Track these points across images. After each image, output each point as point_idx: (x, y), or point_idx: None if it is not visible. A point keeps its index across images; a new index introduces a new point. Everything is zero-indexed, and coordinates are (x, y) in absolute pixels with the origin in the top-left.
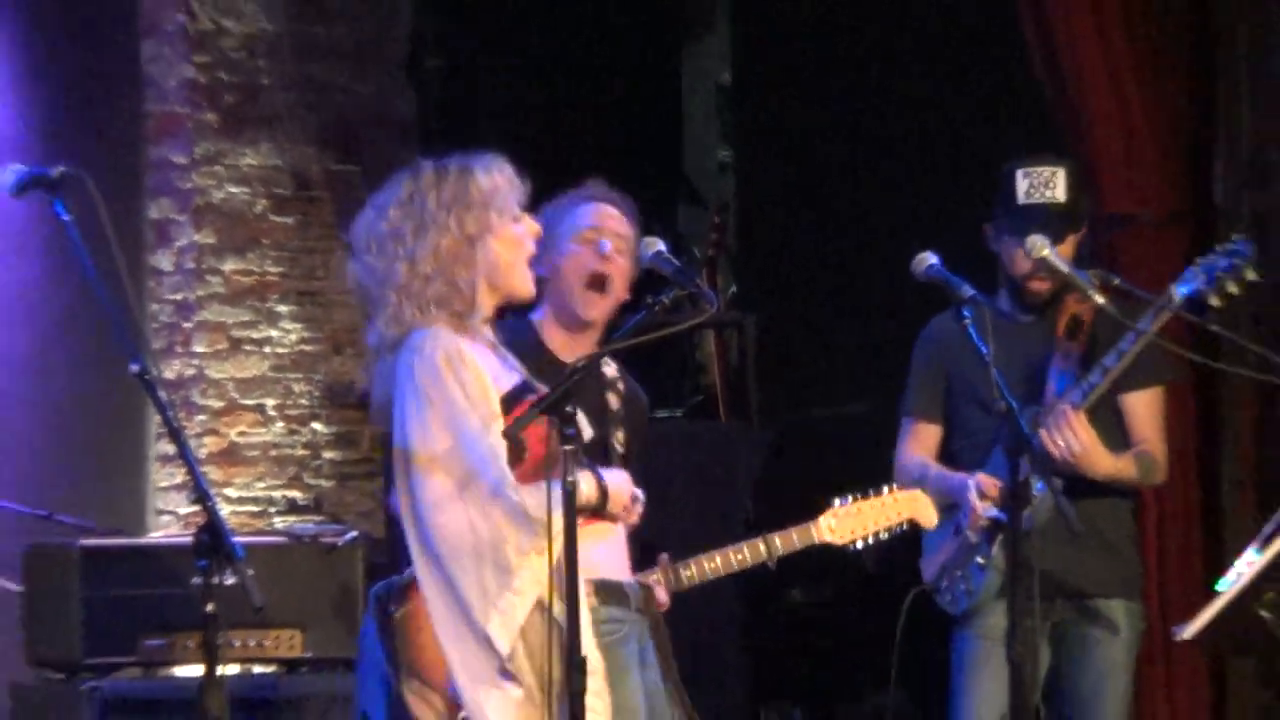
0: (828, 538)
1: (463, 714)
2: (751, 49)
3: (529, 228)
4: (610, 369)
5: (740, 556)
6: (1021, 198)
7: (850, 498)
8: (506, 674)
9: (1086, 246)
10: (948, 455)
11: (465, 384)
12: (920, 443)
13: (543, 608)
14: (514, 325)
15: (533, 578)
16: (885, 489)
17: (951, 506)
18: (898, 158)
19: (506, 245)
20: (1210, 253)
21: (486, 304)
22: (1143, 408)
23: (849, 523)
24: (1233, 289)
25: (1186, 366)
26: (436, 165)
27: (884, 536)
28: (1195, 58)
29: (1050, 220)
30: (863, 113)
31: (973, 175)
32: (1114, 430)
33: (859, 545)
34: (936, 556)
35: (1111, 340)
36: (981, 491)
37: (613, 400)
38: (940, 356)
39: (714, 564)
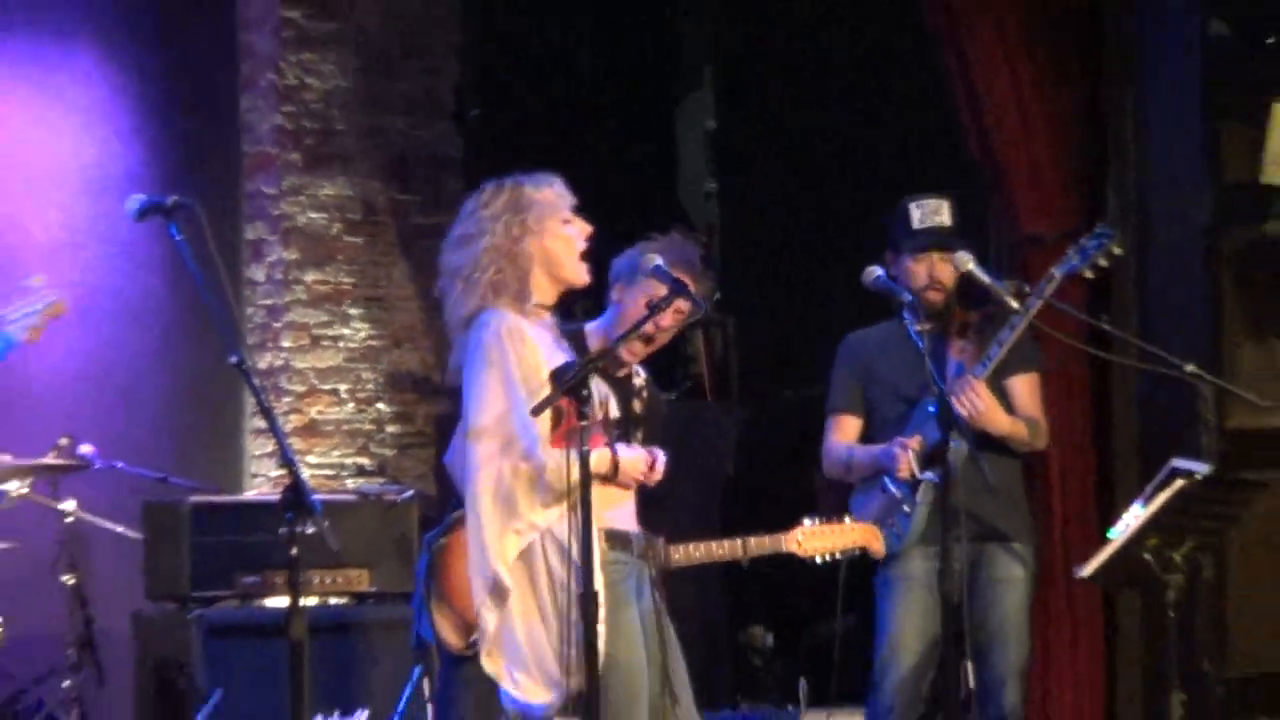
0: (794, 549)
1: (473, 635)
2: (731, 102)
3: (580, 228)
4: (639, 379)
5: (720, 550)
6: (916, 224)
7: (818, 520)
8: (501, 597)
9: (1004, 260)
10: (866, 441)
11: (521, 357)
12: (844, 432)
13: (561, 549)
14: (567, 328)
15: (538, 522)
16: (847, 519)
17: (873, 477)
18: (850, 188)
19: (557, 243)
20: (1081, 238)
21: (546, 291)
22: (1023, 387)
23: (814, 540)
24: (1102, 263)
25: (1083, 357)
26: (496, 183)
27: (838, 556)
28: (1090, 100)
29: (942, 240)
30: (821, 152)
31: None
32: (1003, 405)
33: (817, 560)
34: (867, 515)
35: (992, 335)
36: (903, 444)
37: (637, 405)
38: (859, 361)
39: (699, 552)
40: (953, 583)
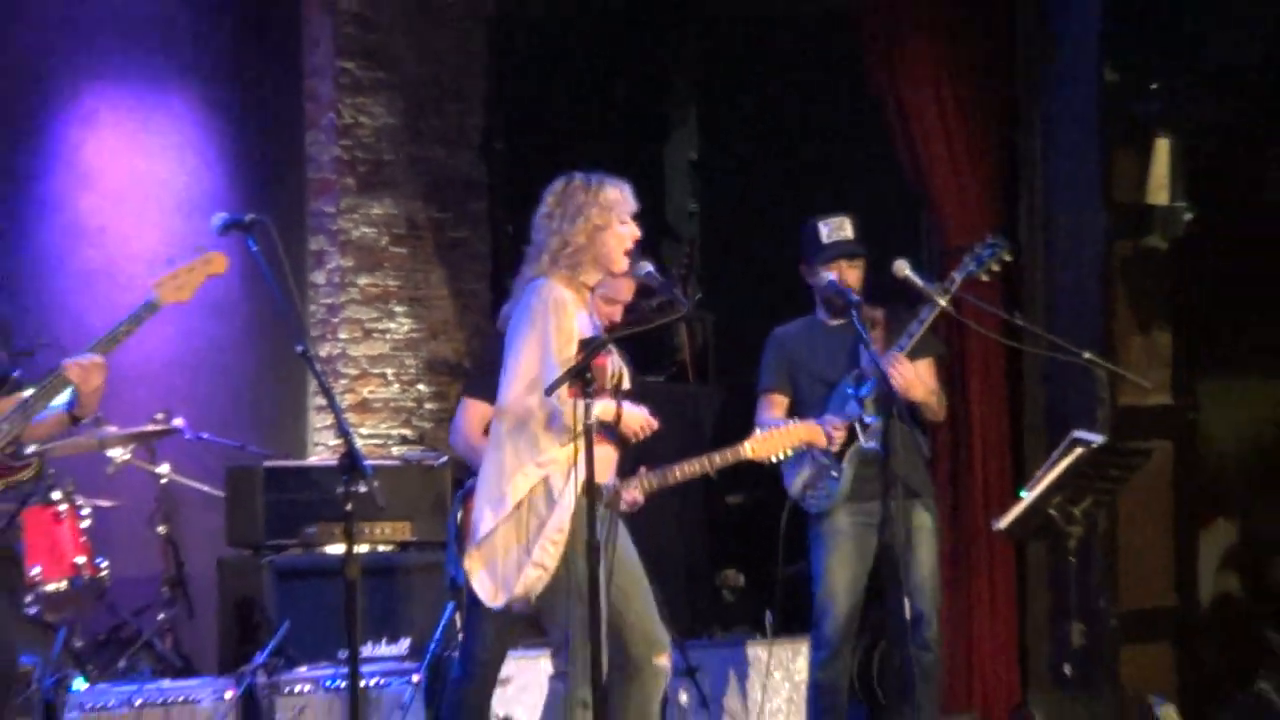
0: (749, 455)
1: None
2: (710, 137)
3: (632, 231)
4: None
5: (691, 469)
6: (825, 239)
7: (766, 428)
8: (501, 510)
9: (935, 266)
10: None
11: (559, 326)
12: (774, 408)
13: (548, 494)
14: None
15: (557, 457)
16: (790, 422)
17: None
18: (808, 208)
19: (615, 239)
20: (975, 246)
21: (591, 275)
22: (925, 369)
23: (765, 445)
24: (995, 268)
25: (1000, 346)
26: (584, 177)
27: (789, 454)
28: (1004, 134)
29: (848, 250)
30: (784, 179)
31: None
32: None
33: (773, 459)
34: (796, 479)
35: (897, 328)
36: (832, 422)
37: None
38: (786, 350)
39: (675, 475)
40: (896, 532)
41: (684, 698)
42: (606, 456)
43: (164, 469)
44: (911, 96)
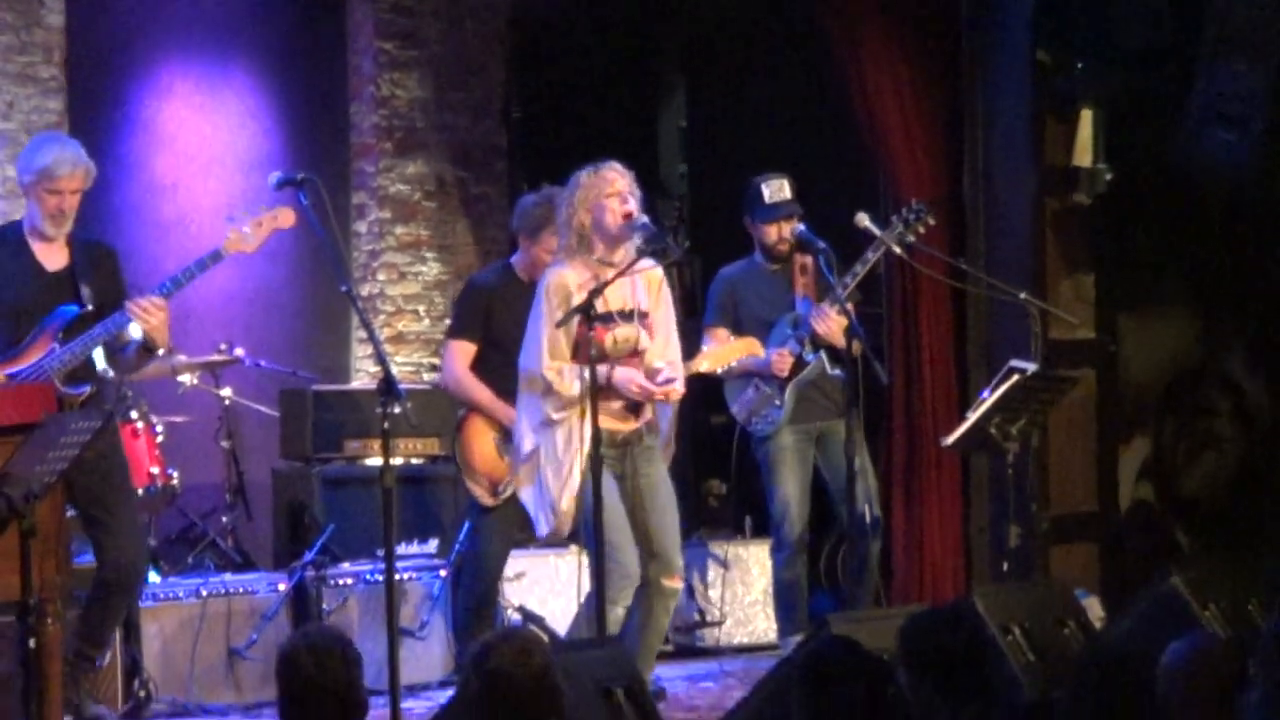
0: (700, 369)
1: (500, 489)
2: (698, 104)
3: (621, 198)
4: None
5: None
6: (768, 199)
7: (712, 344)
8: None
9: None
10: None
11: (553, 310)
12: (715, 341)
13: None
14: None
15: (558, 419)
16: (731, 339)
17: (743, 376)
18: (785, 166)
19: (610, 213)
20: (903, 210)
21: (602, 249)
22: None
23: (714, 358)
24: (920, 230)
25: (946, 287)
26: (583, 170)
27: (734, 365)
28: (950, 101)
29: (787, 209)
30: (764, 141)
31: (833, 174)
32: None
33: (720, 371)
34: (742, 407)
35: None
36: (780, 353)
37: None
38: (731, 289)
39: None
40: (854, 447)
41: None
42: (616, 406)
43: (226, 391)
44: (869, 70)
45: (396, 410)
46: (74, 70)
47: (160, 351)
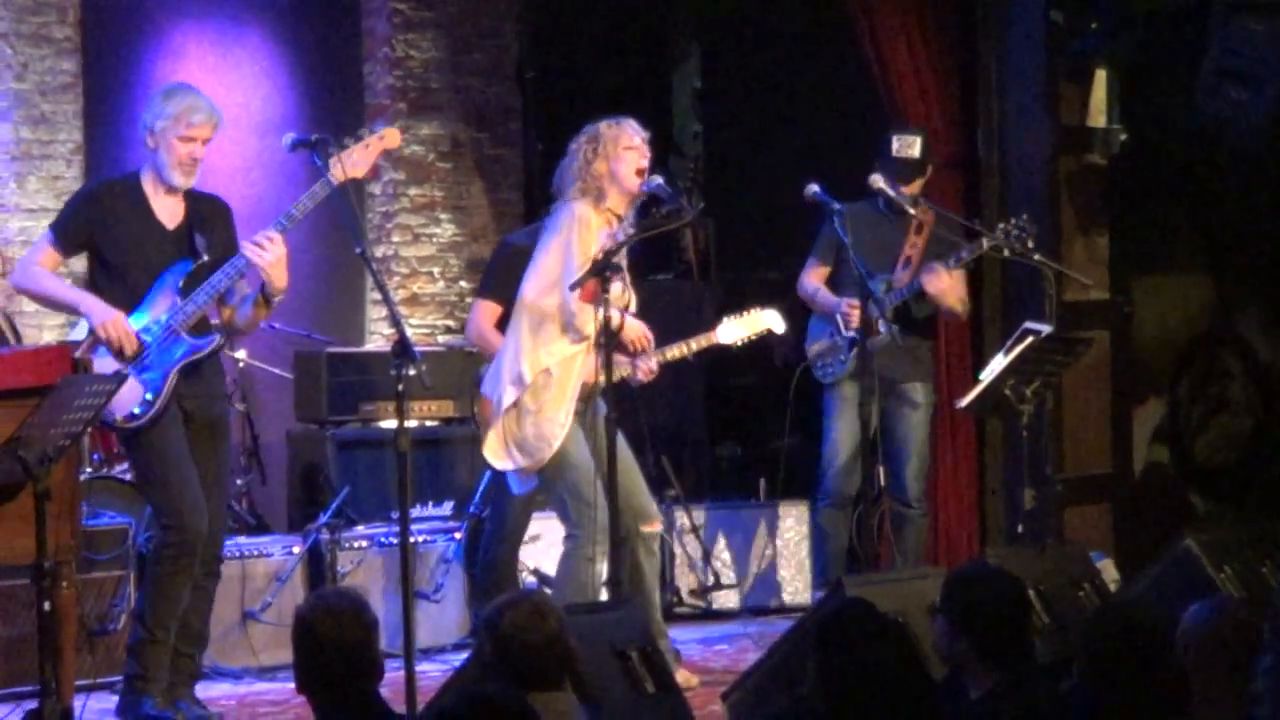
0: (722, 340)
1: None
2: (713, 66)
3: (638, 153)
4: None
5: (674, 352)
6: (895, 150)
7: (733, 316)
8: (520, 386)
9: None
10: (831, 288)
11: (581, 238)
12: (817, 275)
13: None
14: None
15: (563, 353)
16: (753, 310)
17: (827, 315)
18: (798, 129)
19: (626, 164)
20: (1005, 223)
21: (617, 200)
22: (957, 279)
23: (731, 331)
24: (1017, 247)
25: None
26: (602, 121)
27: (753, 338)
28: (966, 64)
29: (911, 167)
30: (778, 104)
31: (844, 135)
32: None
33: (739, 344)
34: (816, 346)
35: (937, 239)
36: (849, 306)
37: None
38: (835, 232)
39: (664, 355)
40: (885, 411)
41: (688, 552)
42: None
43: (241, 354)
44: (885, 33)
45: (411, 372)
46: (88, 31)
47: (278, 298)
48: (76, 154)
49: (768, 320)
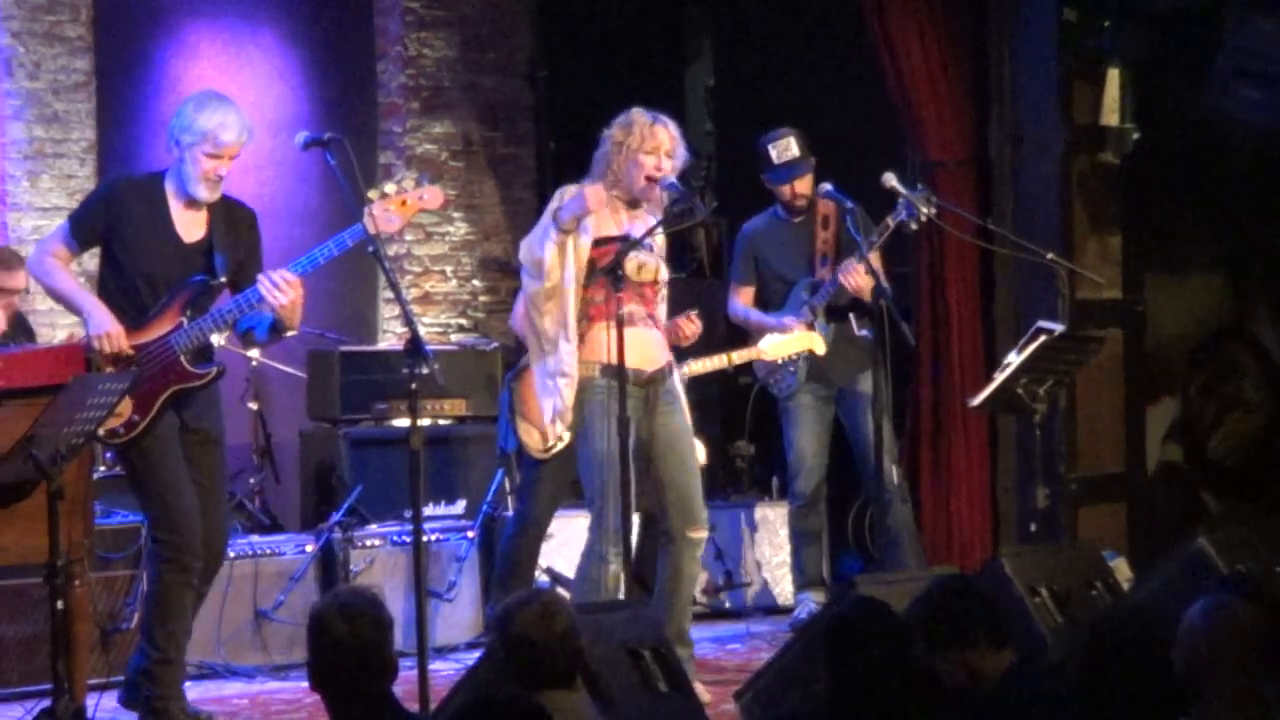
0: (766, 356)
1: (550, 444)
2: (725, 65)
3: (655, 163)
4: None
5: (715, 362)
6: (775, 159)
7: (776, 334)
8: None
9: (916, 176)
10: (760, 306)
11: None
12: (743, 297)
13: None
14: None
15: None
16: (796, 329)
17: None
18: (811, 125)
19: (637, 167)
20: (910, 193)
21: (623, 190)
22: (875, 260)
23: (777, 347)
24: (923, 218)
25: (974, 248)
26: (637, 111)
27: (794, 357)
28: (977, 62)
29: (796, 168)
30: (789, 102)
31: (857, 133)
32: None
33: (780, 360)
34: (761, 368)
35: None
36: (787, 326)
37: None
38: (752, 244)
39: (699, 365)
40: (880, 410)
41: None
42: (644, 340)
43: (254, 353)
44: (897, 32)
45: (424, 371)
46: (101, 29)
47: (290, 333)
48: (89, 153)
49: (811, 342)
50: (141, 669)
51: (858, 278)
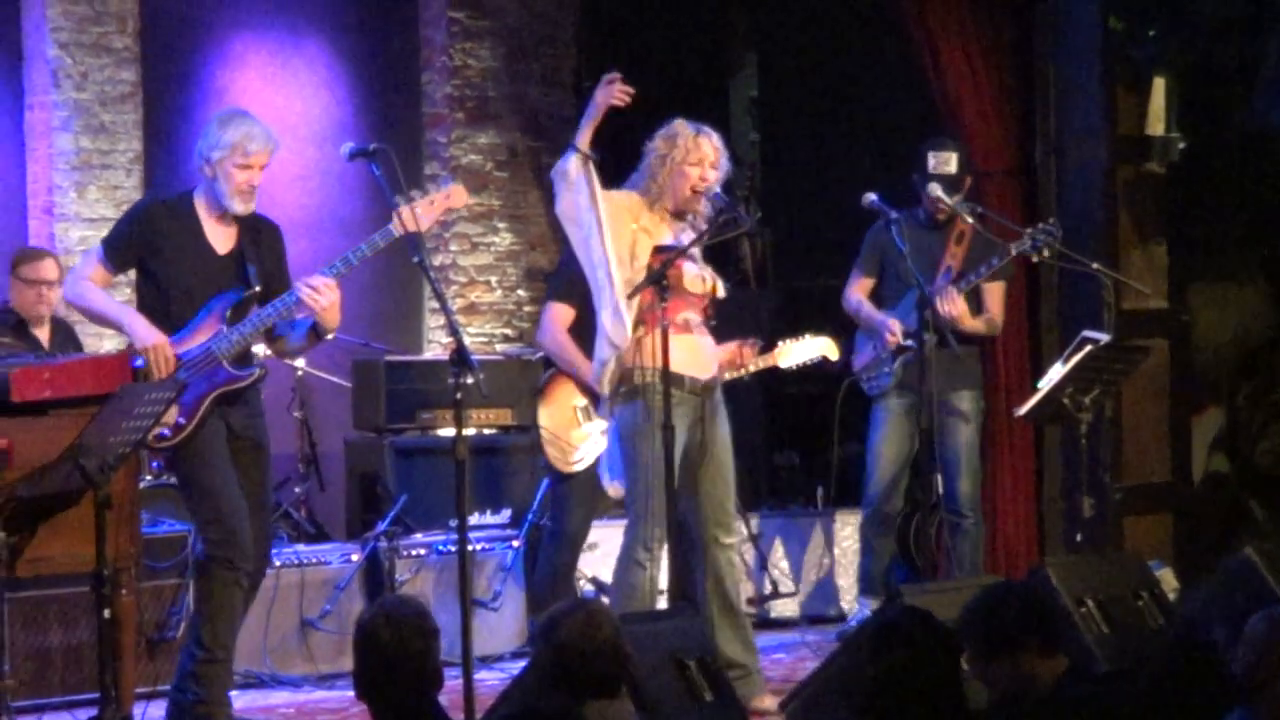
0: (781, 364)
1: (576, 456)
2: (769, 76)
3: (699, 172)
4: None
5: (731, 372)
6: (931, 168)
7: (790, 340)
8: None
9: (973, 190)
10: (875, 299)
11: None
12: (861, 288)
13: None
14: None
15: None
16: (808, 335)
17: (873, 331)
18: (855, 138)
19: (682, 178)
20: (1036, 227)
21: (668, 200)
22: (994, 290)
23: (789, 355)
24: (1046, 253)
25: (1019, 261)
26: (680, 122)
27: (809, 362)
28: (1022, 71)
29: (949, 181)
30: (834, 113)
31: (899, 145)
32: (971, 303)
33: (795, 366)
34: (862, 360)
35: (979, 250)
36: (892, 329)
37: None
38: (878, 243)
39: (723, 375)
40: (929, 420)
41: (746, 560)
42: (693, 346)
43: (300, 362)
44: (942, 44)
45: (469, 381)
46: (147, 41)
47: (329, 336)
48: (136, 164)
49: (822, 348)
50: (188, 672)
51: (950, 305)
